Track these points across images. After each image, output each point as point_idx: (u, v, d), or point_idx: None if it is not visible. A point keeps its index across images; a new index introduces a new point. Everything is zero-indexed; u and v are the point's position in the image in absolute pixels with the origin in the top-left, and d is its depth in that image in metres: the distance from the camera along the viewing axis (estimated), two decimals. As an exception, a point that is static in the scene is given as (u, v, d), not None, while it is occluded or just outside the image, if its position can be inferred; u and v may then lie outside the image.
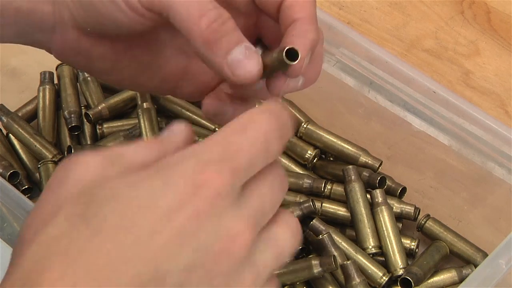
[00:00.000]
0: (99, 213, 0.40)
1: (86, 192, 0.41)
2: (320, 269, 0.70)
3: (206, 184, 0.40)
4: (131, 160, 0.43)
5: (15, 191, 0.64)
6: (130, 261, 0.39)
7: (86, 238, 0.39)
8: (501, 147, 0.71)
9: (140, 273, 0.39)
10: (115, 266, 0.39)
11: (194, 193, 0.40)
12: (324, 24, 0.76)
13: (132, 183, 0.41)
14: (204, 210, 0.40)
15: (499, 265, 0.62)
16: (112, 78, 0.59)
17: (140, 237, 0.39)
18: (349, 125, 0.82)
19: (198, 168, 0.41)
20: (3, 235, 0.73)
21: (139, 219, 0.40)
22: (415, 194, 0.81)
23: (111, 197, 0.40)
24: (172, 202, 0.40)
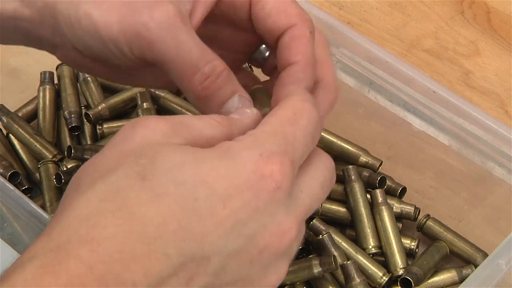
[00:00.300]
0: (159, 178, 0.40)
1: (148, 154, 0.41)
2: (320, 269, 0.70)
3: (271, 175, 0.42)
4: (198, 133, 0.44)
5: (15, 191, 0.64)
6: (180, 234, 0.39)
7: (142, 201, 0.39)
8: (501, 147, 0.71)
9: (188, 247, 0.40)
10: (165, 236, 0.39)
11: (258, 182, 0.41)
12: (324, 24, 0.76)
13: (197, 159, 0.41)
14: (263, 201, 0.41)
15: (499, 265, 0.62)
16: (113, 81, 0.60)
17: (196, 212, 0.40)
18: (349, 125, 0.82)
19: (263, 157, 0.42)
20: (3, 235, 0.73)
21: (199, 194, 0.40)
22: (415, 194, 0.81)
23: (173, 166, 0.41)
24: (235, 185, 0.41)
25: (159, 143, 0.42)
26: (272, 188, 0.42)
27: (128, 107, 0.86)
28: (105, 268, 0.37)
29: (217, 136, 0.45)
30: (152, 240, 0.39)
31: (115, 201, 0.39)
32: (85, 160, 0.77)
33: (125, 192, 0.40)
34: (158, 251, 0.39)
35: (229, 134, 0.46)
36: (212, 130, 0.45)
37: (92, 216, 0.39)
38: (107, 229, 0.38)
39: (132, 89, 0.85)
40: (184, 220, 0.40)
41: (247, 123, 0.48)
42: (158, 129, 0.43)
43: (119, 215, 0.39)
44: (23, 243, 0.74)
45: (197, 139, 0.44)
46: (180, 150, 0.42)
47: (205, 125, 0.45)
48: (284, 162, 0.42)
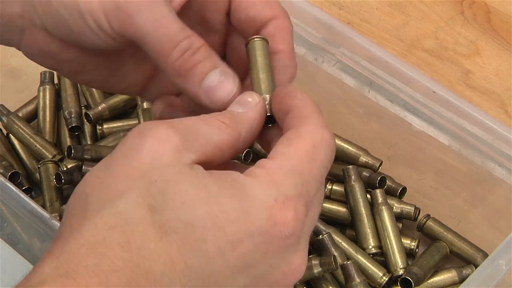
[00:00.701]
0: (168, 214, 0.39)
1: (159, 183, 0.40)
2: (320, 269, 0.70)
3: (284, 223, 0.41)
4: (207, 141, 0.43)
5: (16, 190, 0.64)
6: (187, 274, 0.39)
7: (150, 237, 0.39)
8: (501, 147, 0.71)
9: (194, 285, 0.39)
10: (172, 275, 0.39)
11: (270, 229, 0.41)
12: (324, 24, 0.76)
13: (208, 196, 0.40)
14: (274, 246, 0.41)
15: (499, 265, 0.62)
16: (79, 79, 0.58)
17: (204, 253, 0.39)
18: (349, 125, 0.82)
19: (278, 203, 0.41)
20: (3, 235, 0.73)
21: (208, 236, 0.40)
22: (415, 194, 0.81)
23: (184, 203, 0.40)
24: (246, 229, 0.40)
25: (170, 164, 0.41)
26: (285, 236, 0.41)
27: (128, 107, 0.86)
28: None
29: (226, 141, 0.44)
30: (159, 277, 0.38)
31: (123, 233, 0.39)
32: (85, 160, 0.78)
33: (134, 224, 0.39)
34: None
35: (237, 136, 0.45)
36: (220, 135, 0.44)
37: (100, 245, 0.39)
38: (115, 261, 0.38)
39: (132, 89, 0.85)
40: (191, 260, 0.39)
41: (253, 117, 0.46)
42: (168, 143, 0.42)
43: (127, 249, 0.39)
44: (23, 243, 0.74)
45: (207, 148, 0.43)
46: (191, 181, 0.41)
47: (213, 129, 0.44)
48: (299, 208, 0.41)
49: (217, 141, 0.44)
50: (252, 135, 0.47)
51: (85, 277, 0.38)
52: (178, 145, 0.42)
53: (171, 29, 0.48)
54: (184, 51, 0.48)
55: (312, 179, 0.43)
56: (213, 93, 0.48)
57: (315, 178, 0.43)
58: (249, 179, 0.42)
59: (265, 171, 0.42)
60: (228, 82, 0.48)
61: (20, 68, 0.90)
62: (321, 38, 0.77)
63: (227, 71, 0.49)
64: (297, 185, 0.42)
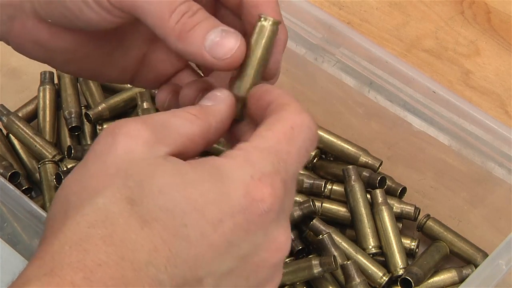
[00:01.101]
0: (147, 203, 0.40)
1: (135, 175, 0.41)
2: (320, 269, 0.70)
3: (262, 199, 0.41)
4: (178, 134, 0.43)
5: (15, 191, 0.64)
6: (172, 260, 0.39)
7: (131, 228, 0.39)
8: (501, 147, 0.71)
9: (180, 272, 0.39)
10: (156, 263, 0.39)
11: (249, 206, 0.41)
12: (324, 24, 0.76)
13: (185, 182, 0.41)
14: (254, 223, 0.41)
15: (499, 265, 0.62)
16: (70, 69, 0.58)
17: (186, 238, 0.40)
18: (349, 125, 0.82)
19: (254, 180, 0.41)
20: (3, 235, 0.73)
21: (188, 221, 0.40)
22: (415, 194, 0.81)
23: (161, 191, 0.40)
24: (225, 209, 0.40)
25: (144, 158, 0.41)
26: (263, 211, 0.41)
27: (128, 107, 0.86)
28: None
29: (197, 132, 0.45)
30: (144, 267, 0.38)
31: (105, 228, 0.39)
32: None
33: (114, 218, 0.39)
34: (150, 277, 0.39)
35: (208, 127, 0.45)
36: (191, 127, 0.44)
37: (83, 242, 0.39)
38: (99, 256, 0.38)
39: (132, 89, 0.85)
40: (174, 246, 0.39)
41: (222, 109, 0.47)
42: (140, 137, 0.42)
43: (110, 242, 0.39)
44: (23, 243, 0.74)
45: (178, 140, 0.43)
46: (168, 171, 0.41)
47: (184, 122, 0.44)
48: (276, 184, 0.42)
49: (189, 133, 0.44)
50: (222, 127, 0.47)
51: (70, 274, 0.38)
52: (150, 139, 0.42)
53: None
54: (183, 14, 0.48)
55: (290, 159, 0.43)
56: (217, 49, 0.47)
57: (293, 158, 0.43)
58: (225, 160, 0.42)
59: (241, 152, 0.43)
60: (231, 37, 0.48)
61: (20, 68, 0.90)
62: (321, 38, 0.77)
63: (228, 28, 0.48)
64: (273, 163, 0.42)
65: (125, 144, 0.42)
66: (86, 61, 0.56)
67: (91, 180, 0.41)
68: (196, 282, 0.40)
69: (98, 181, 0.41)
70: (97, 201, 0.40)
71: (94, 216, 0.40)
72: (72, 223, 0.40)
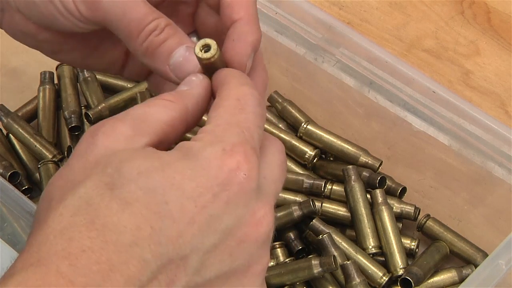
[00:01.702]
0: (127, 186, 0.40)
1: (113, 163, 0.41)
2: (320, 269, 0.70)
3: (238, 167, 0.42)
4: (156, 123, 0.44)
5: (15, 191, 0.64)
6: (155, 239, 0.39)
7: (113, 211, 0.40)
8: (501, 147, 0.71)
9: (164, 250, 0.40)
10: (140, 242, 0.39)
11: (227, 176, 0.41)
12: (324, 24, 0.76)
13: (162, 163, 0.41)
14: (234, 193, 0.42)
15: (499, 265, 0.62)
16: (60, 58, 0.60)
17: (168, 214, 0.40)
18: (349, 125, 0.82)
19: (227, 151, 0.42)
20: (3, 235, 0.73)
21: (169, 198, 0.40)
22: (415, 194, 0.81)
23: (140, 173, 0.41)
24: (203, 183, 0.41)
25: (122, 149, 0.43)
26: (242, 179, 0.42)
27: (128, 107, 0.85)
28: (85, 280, 0.38)
29: (176, 116, 0.46)
30: (128, 248, 0.39)
31: (87, 214, 0.40)
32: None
33: (96, 204, 0.40)
34: (135, 258, 0.39)
35: (185, 110, 0.46)
36: (168, 113, 0.45)
37: (66, 231, 0.39)
38: (83, 242, 0.39)
39: (132, 89, 0.85)
40: (157, 224, 0.40)
41: (197, 92, 0.48)
42: (119, 134, 0.43)
43: (93, 227, 0.39)
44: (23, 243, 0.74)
45: (157, 128, 0.44)
46: (144, 156, 0.42)
47: (159, 109, 0.45)
48: (248, 151, 0.43)
49: (166, 119, 0.45)
50: (199, 109, 0.48)
51: (56, 262, 0.38)
52: (128, 133, 0.43)
53: (138, 12, 0.50)
54: (151, 33, 0.50)
55: (251, 125, 0.45)
56: (180, 69, 0.50)
57: (253, 124, 0.45)
58: (194, 143, 0.43)
59: (205, 134, 0.44)
60: (194, 58, 0.49)
61: (20, 68, 0.90)
62: (321, 38, 0.77)
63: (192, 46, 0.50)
64: (239, 133, 0.44)
65: (105, 142, 0.43)
66: (73, 53, 0.58)
67: (73, 175, 0.42)
68: (181, 261, 0.40)
69: (80, 174, 0.42)
70: (79, 191, 0.41)
71: (76, 204, 0.40)
72: (55, 214, 0.40)
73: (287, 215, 0.75)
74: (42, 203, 0.43)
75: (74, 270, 0.38)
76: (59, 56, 0.58)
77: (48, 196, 0.43)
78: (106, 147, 0.43)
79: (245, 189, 0.42)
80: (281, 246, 0.76)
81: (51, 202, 0.42)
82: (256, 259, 0.43)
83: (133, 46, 0.51)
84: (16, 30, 0.56)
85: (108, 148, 0.43)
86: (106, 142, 0.43)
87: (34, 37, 0.56)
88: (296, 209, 0.75)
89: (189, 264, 0.40)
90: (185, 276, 0.41)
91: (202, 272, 0.41)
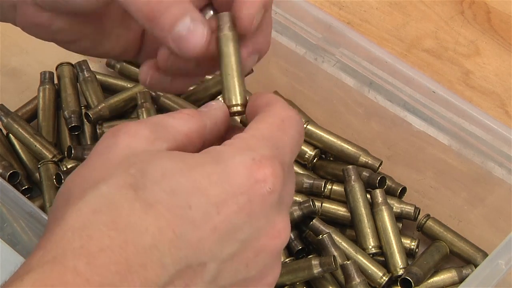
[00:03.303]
0: (151, 187, 0.40)
1: (137, 163, 0.41)
2: (320, 269, 0.70)
3: (264, 180, 0.42)
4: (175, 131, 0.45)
5: (15, 191, 0.64)
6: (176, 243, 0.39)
7: (135, 211, 0.39)
8: (501, 147, 0.71)
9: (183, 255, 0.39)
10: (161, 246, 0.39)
11: (252, 186, 0.41)
12: (324, 24, 0.76)
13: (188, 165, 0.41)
14: (257, 205, 0.42)
15: (499, 265, 0.62)
16: (75, 47, 0.58)
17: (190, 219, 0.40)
18: (349, 125, 0.82)
19: (256, 162, 0.42)
20: (3, 235, 0.73)
21: (192, 202, 0.40)
22: (415, 194, 0.81)
23: (164, 174, 0.41)
24: (228, 191, 0.41)
25: (145, 150, 0.42)
26: (266, 192, 0.42)
27: (128, 107, 0.86)
28: (102, 280, 0.37)
29: (193, 128, 0.46)
30: (148, 250, 0.39)
31: (109, 213, 0.39)
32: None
33: (118, 203, 0.40)
34: (154, 261, 0.39)
35: (203, 126, 0.46)
36: (186, 125, 0.45)
37: (86, 228, 0.39)
38: (102, 241, 0.38)
39: (132, 89, 0.85)
40: (178, 228, 0.39)
41: (216, 113, 0.48)
42: (140, 134, 0.43)
43: (113, 227, 0.39)
44: (23, 243, 0.74)
45: (177, 137, 0.44)
46: (169, 157, 0.42)
47: (179, 121, 0.45)
48: (276, 166, 0.43)
49: (185, 130, 0.45)
50: (217, 130, 0.48)
51: (73, 260, 0.38)
52: (149, 136, 0.43)
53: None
54: None
55: (284, 146, 0.45)
56: (182, 42, 0.48)
57: (287, 146, 0.45)
58: (225, 147, 0.43)
59: (239, 140, 0.44)
60: (197, 33, 0.48)
61: (20, 68, 0.90)
62: (321, 38, 0.77)
63: (197, 19, 0.48)
64: (271, 147, 0.44)
65: (127, 141, 0.43)
66: (88, 40, 0.57)
67: (94, 173, 0.42)
68: (199, 267, 0.40)
69: (101, 172, 0.41)
70: (101, 188, 0.40)
71: (97, 202, 0.40)
72: (74, 210, 0.40)
73: (287, 215, 0.75)
74: (59, 200, 0.42)
75: (91, 269, 0.37)
76: (74, 45, 0.57)
77: (66, 193, 0.42)
78: (128, 146, 0.42)
79: (268, 202, 0.42)
80: (281, 246, 0.76)
81: (70, 199, 0.41)
82: (269, 270, 0.44)
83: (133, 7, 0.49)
84: (31, 24, 0.55)
85: (130, 148, 0.42)
86: (128, 142, 0.43)
87: (49, 27, 0.55)
88: (296, 209, 0.75)
89: (206, 272, 0.40)
90: (201, 283, 0.40)
91: (218, 280, 0.41)
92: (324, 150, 0.82)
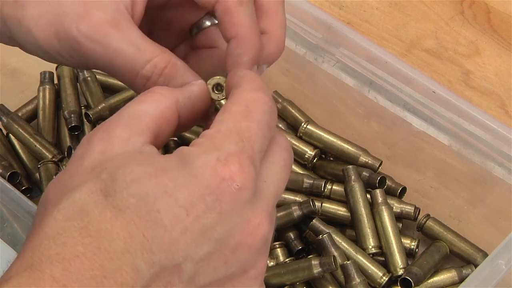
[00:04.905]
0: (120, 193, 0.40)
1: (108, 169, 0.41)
2: (320, 269, 0.70)
3: (230, 177, 0.41)
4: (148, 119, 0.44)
5: (15, 191, 0.64)
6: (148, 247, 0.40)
7: (106, 218, 0.40)
8: (501, 147, 0.71)
9: (157, 258, 0.40)
10: (133, 250, 0.39)
11: (219, 186, 0.41)
12: (324, 24, 0.76)
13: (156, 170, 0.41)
14: (227, 203, 0.41)
15: (499, 265, 0.62)
16: None
17: (159, 223, 0.40)
18: (349, 125, 0.82)
19: (221, 161, 0.42)
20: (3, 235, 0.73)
21: (160, 206, 0.40)
22: (415, 194, 0.81)
23: (133, 180, 0.41)
24: (196, 192, 0.41)
25: (118, 154, 0.42)
26: (234, 190, 0.42)
27: (128, 107, 0.85)
28: (79, 286, 0.38)
29: (165, 107, 0.45)
30: (121, 255, 0.39)
31: (81, 220, 0.40)
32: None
33: (90, 210, 0.40)
34: (128, 265, 0.39)
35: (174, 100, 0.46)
36: (157, 106, 0.45)
37: (60, 235, 0.40)
38: (76, 248, 0.39)
39: (132, 89, 0.85)
40: (148, 232, 0.40)
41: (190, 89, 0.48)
42: (114, 137, 0.43)
43: (86, 234, 0.39)
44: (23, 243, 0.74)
45: (152, 125, 0.44)
46: (139, 162, 0.42)
47: (150, 104, 0.45)
48: (243, 161, 0.42)
49: (158, 112, 0.45)
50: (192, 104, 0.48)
51: (49, 267, 0.38)
52: (123, 135, 0.43)
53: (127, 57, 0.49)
54: (147, 79, 0.49)
55: (253, 135, 0.44)
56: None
57: (256, 134, 0.44)
58: (191, 148, 0.43)
59: (205, 139, 0.44)
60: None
61: (20, 68, 0.90)
62: (321, 38, 0.77)
63: None
64: (237, 142, 0.43)
65: (100, 146, 0.43)
66: None
67: (69, 180, 0.42)
68: (174, 268, 0.40)
69: (76, 179, 0.42)
70: (73, 195, 0.41)
71: (70, 210, 0.40)
72: (50, 218, 0.41)
73: (287, 215, 0.75)
74: (40, 207, 0.43)
75: (67, 275, 0.38)
76: None
77: (45, 200, 0.43)
78: (101, 152, 0.43)
79: (238, 199, 0.42)
80: (281, 246, 0.76)
81: (47, 206, 0.42)
82: (252, 264, 0.43)
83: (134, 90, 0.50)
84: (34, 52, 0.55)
85: (103, 153, 0.43)
86: (101, 148, 0.43)
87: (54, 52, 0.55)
88: (296, 209, 0.75)
89: (183, 272, 0.41)
90: (180, 284, 0.41)
91: (197, 279, 0.41)
92: (324, 150, 0.82)
